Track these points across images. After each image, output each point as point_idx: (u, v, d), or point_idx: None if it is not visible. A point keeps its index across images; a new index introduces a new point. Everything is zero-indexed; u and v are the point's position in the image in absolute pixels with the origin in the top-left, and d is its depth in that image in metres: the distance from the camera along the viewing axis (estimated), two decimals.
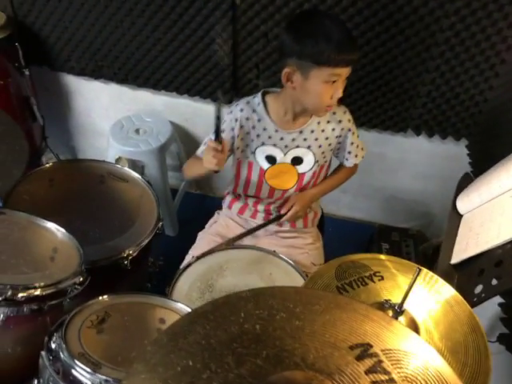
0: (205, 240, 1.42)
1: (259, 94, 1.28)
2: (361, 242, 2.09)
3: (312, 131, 1.29)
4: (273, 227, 1.42)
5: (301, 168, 1.34)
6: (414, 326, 0.84)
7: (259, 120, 1.27)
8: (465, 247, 1.08)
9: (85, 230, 1.25)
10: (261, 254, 1.28)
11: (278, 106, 1.26)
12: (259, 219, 1.43)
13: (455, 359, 0.80)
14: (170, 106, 1.93)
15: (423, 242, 2.06)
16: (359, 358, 0.59)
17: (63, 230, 1.07)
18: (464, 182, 1.30)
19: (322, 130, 1.30)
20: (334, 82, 1.12)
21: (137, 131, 1.88)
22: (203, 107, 1.88)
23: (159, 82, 1.82)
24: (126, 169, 1.47)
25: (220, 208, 1.53)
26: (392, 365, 0.59)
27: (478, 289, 0.94)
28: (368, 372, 0.58)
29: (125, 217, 1.32)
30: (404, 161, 1.94)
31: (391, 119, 1.77)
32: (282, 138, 1.29)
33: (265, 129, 1.28)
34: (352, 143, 1.35)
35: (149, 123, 1.91)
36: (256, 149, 1.31)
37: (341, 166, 1.44)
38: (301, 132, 1.28)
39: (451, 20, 1.45)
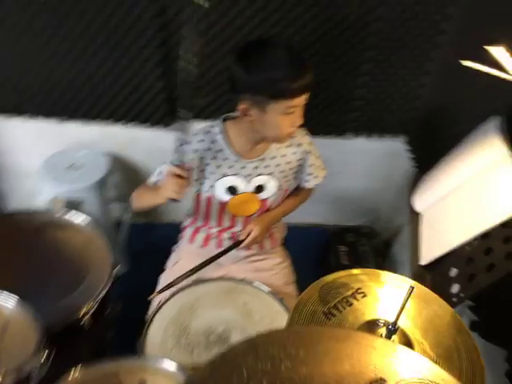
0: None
1: (220, 122, 1.22)
2: (318, 246, 2.10)
3: (273, 157, 1.25)
4: (241, 253, 1.36)
5: (263, 194, 1.30)
6: (407, 341, 0.83)
7: (220, 150, 1.22)
8: (431, 247, 1.10)
9: (30, 293, 1.05)
10: (230, 283, 1.22)
11: (238, 135, 1.21)
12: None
13: (452, 366, 0.80)
14: (105, 136, 1.80)
15: (375, 237, 2.12)
16: None
17: (12, 300, 0.92)
18: (416, 181, 1.33)
19: (283, 155, 1.27)
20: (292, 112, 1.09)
21: (71, 167, 1.73)
22: (140, 133, 1.77)
23: (89, 111, 1.68)
24: (64, 215, 1.31)
25: (173, 237, 1.44)
26: None
27: (456, 288, 0.96)
28: None
29: (74, 269, 1.18)
30: (347, 162, 1.98)
31: (331, 124, 1.79)
32: (243, 167, 1.24)
33: (226, 159, 1.22)
34: (311, 165, 1.33)
35: (83, 157, 1.77)
36: (217, 181, 1.25)
37: (300, 186, 1.41)
38: (262, 160, 1.25)
39: (379, 24, 1.49)
